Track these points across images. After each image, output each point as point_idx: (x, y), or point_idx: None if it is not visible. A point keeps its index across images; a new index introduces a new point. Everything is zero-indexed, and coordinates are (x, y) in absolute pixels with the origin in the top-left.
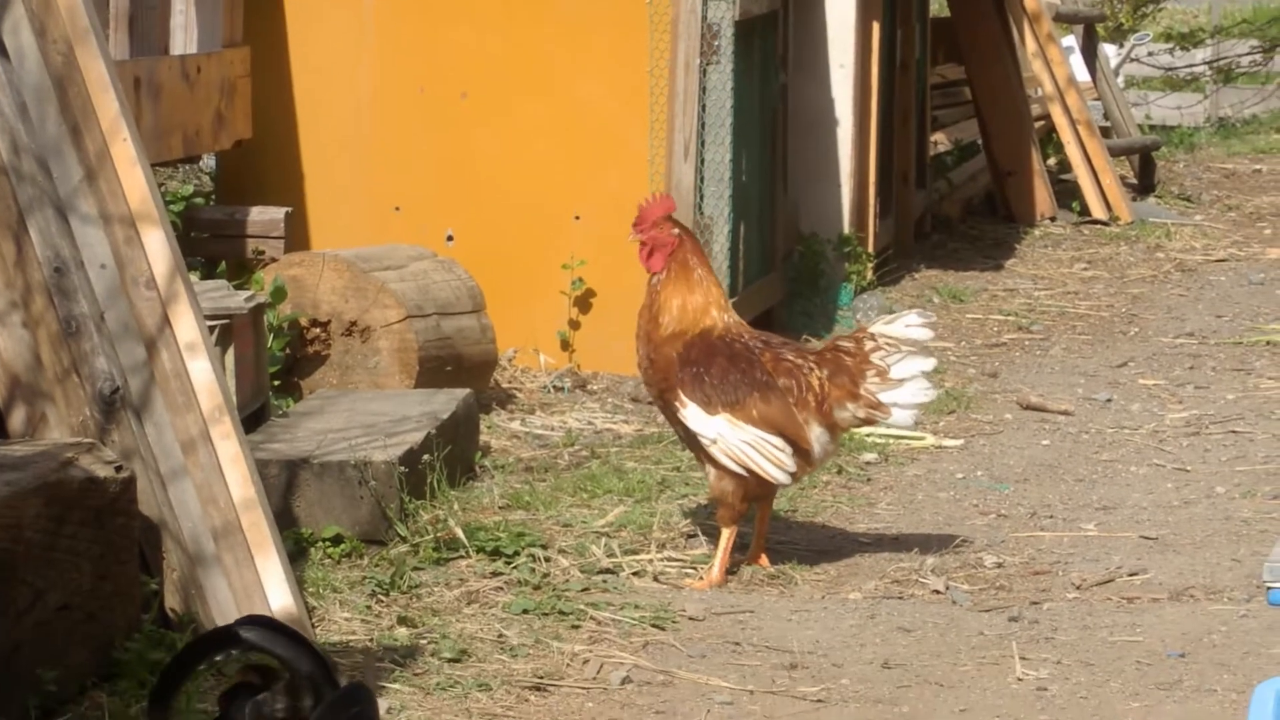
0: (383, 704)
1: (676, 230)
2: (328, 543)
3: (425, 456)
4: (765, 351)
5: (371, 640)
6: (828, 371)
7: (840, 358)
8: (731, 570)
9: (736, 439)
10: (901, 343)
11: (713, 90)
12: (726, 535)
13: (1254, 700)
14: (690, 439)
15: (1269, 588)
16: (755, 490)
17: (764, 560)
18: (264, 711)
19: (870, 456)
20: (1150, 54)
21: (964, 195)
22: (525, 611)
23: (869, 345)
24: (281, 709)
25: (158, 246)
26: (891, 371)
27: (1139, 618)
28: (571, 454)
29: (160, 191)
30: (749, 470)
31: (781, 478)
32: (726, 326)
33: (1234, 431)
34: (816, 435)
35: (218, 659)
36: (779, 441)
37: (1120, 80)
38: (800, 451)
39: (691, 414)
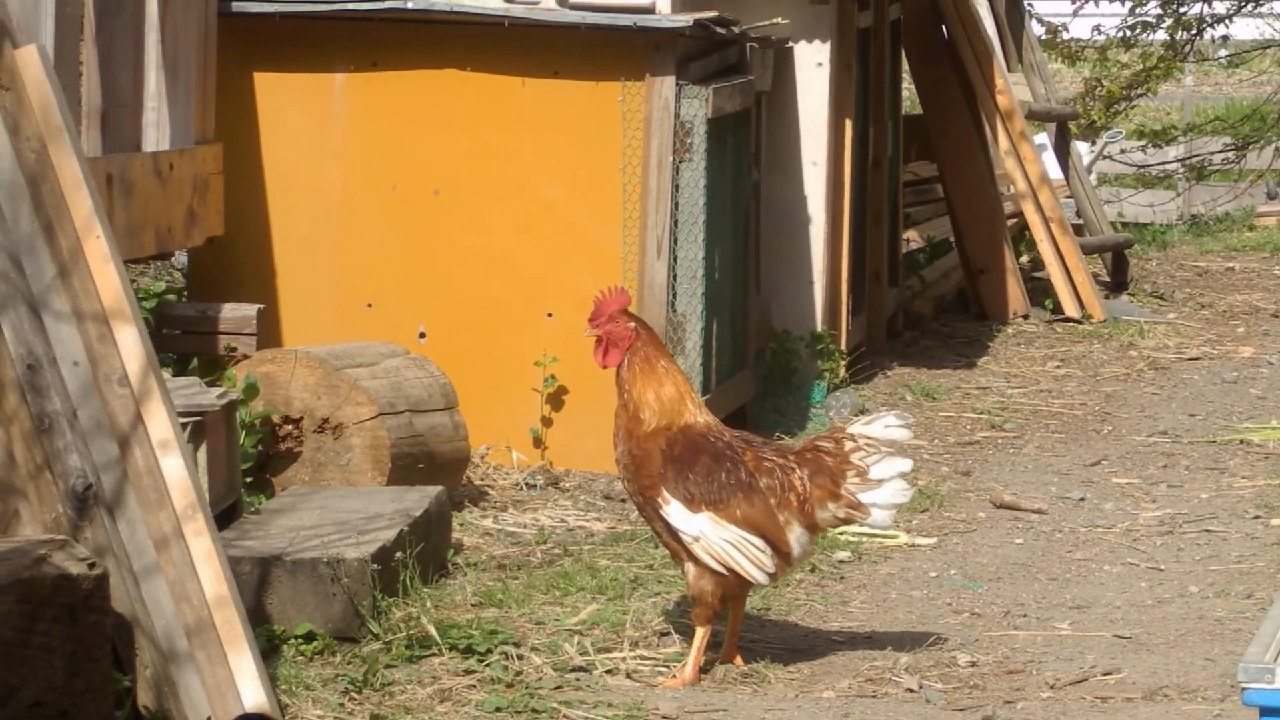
0: None
1: (633, 324)
2: (300, 640)
3: (398, 554)
4: (747, 450)
5: None
6: (808, 471)
7: (820, 458)
8: (705, 668)
9: (719, 537)
10: (880, 443)
11: (685, 187)
12: (701, 633)
13: None
14: (670, 536)
15: (1244, 688)
16: (733, 589)
17: (738, 659)
18: None
19: (844, 555)
20: (1123, 151)
21: (936, 293)
22: (498, 710)
23: (848, 445)
24: None
25: (131, 343)
26: (871, 472)
27: (1113, 718)
28: (544, 551)
29: (133, 288)
30: (729, 569)
31: (761, 578)
32: (708, 424)
33: (1208, 530)
34: (797, 536)
35: None
36: (760, 542)
37: (1093, 177)
38: (780, 553)
39: (674, 511)
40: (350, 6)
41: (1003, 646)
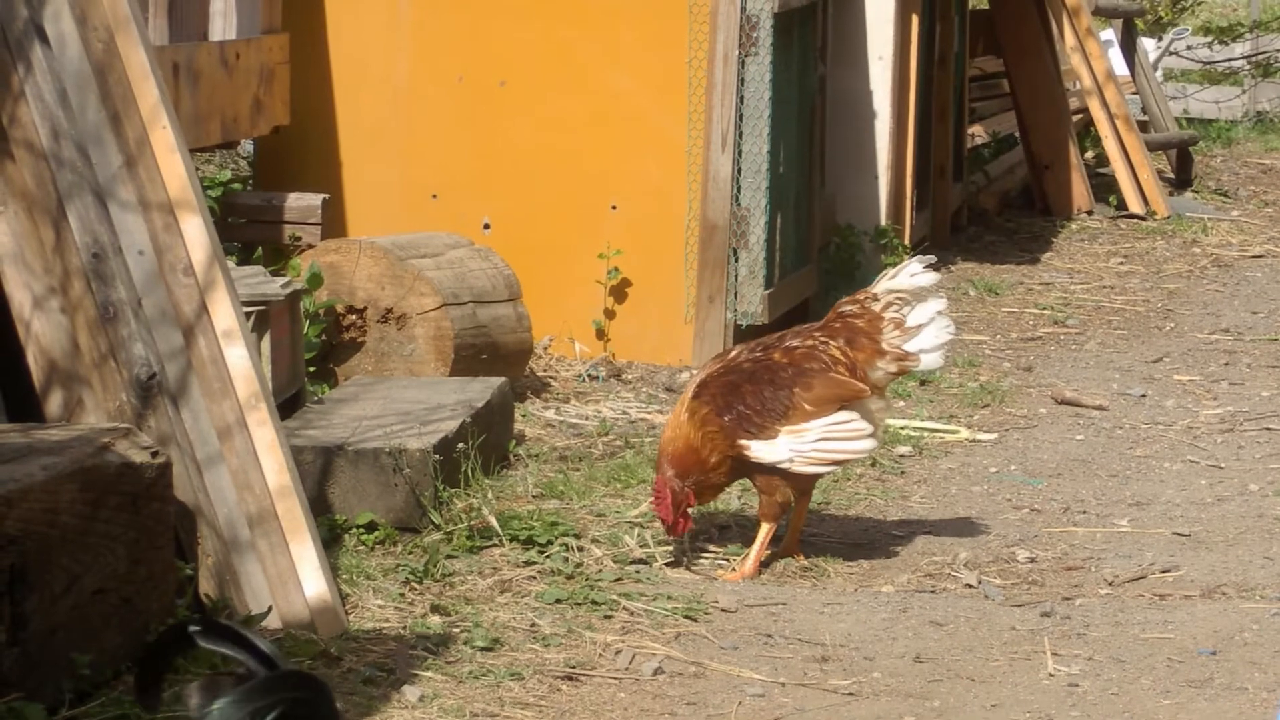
0: (415, 691)
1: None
2: (362, 530)
3: (460, 445)
4: (774, 351)
5: (404, 628)
6: (843, 340)
7: (850, 322)
8: (765, 563)
9: (808, 445)
10: (910, 293)
11: (751, 82)
12: (766, 529)
13: None
14: (765, 474)
15: None
16: (806, 483)
17: (799, 554)
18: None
19: (904, 449)
20: (1189, 48)
21: (1001, 188)
22: (558, 601)
23: (875, 305)
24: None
25: (196, 233)
26: (908, 320)
27: (1171, 615)
28: (605, 443)
29: (198, 177)
30: (838, 462)
31: (870, 445)
32: (712, 373)
33: (1268, 428)
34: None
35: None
36: (843, 415)
37: (1159, 74)
38: (865, 411)
39: (757, 448)
40: None
41: (1061, 543)
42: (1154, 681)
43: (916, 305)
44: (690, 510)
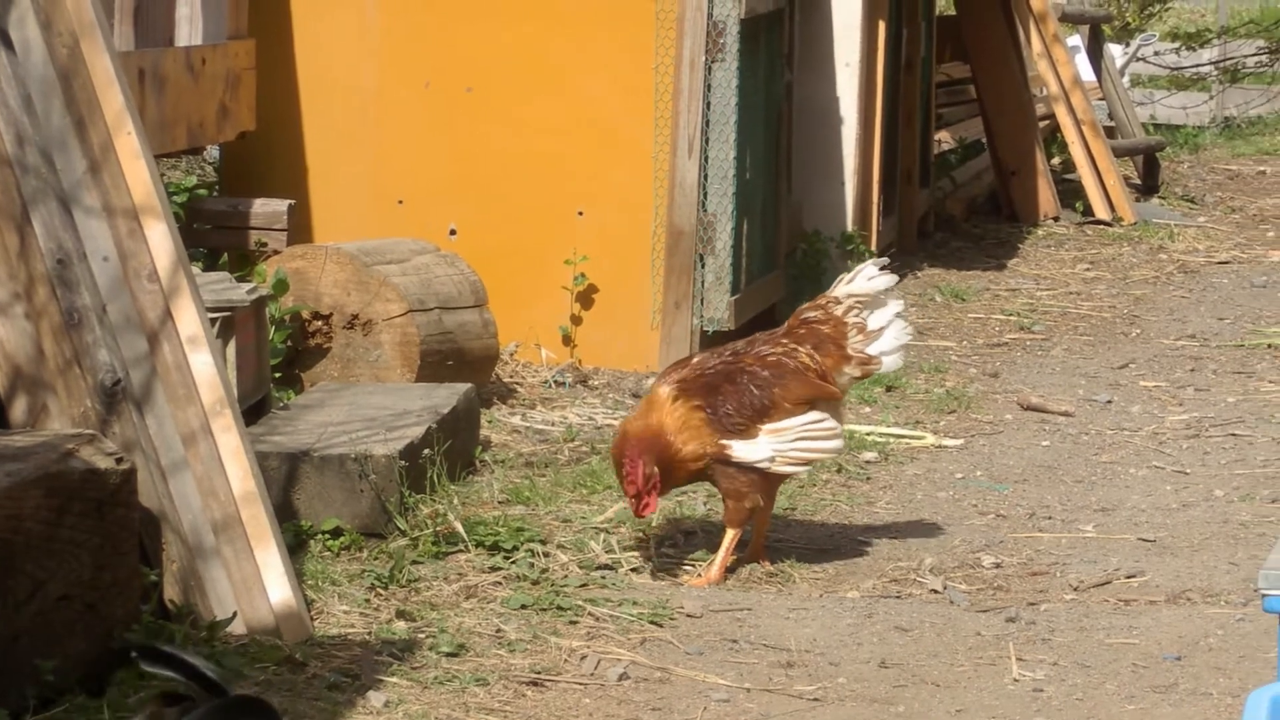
0: (380, 697)
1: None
2: (327, 535)
3: (426, 450)
4: (745, 357)
5: (370, 633)
6: (810, 345)
7: (816, 329)
8: (730, 568)
9: (788, 445)
10: (869, 296)
11: (717, 88)
12: (732, 534)
13: (1248, 706)
14: (743, 472)
15: (1264, 594)
16: (771, 487)
17: (764, 559)
18: None
19: (870, 455)
20: (1156, 53)
21: (967, 194)
22: (523, 607)
23: (837, 309)
24: None
25: (160, 239)
26: (869, 324)
27: (1136, 620)
28: (572, 449)
29: (164, 183)
30: (810, 461)
31: (841, 444)
32: (685, 376)
33: (1234, 434)
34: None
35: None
36: (817, 415)
37: (1126, 80)
38: (835, 412)
39: (738, 449)
40: None
41: (1027, 548)
42: (1119, 687)
43: (876, 308)
44: (657, 494)
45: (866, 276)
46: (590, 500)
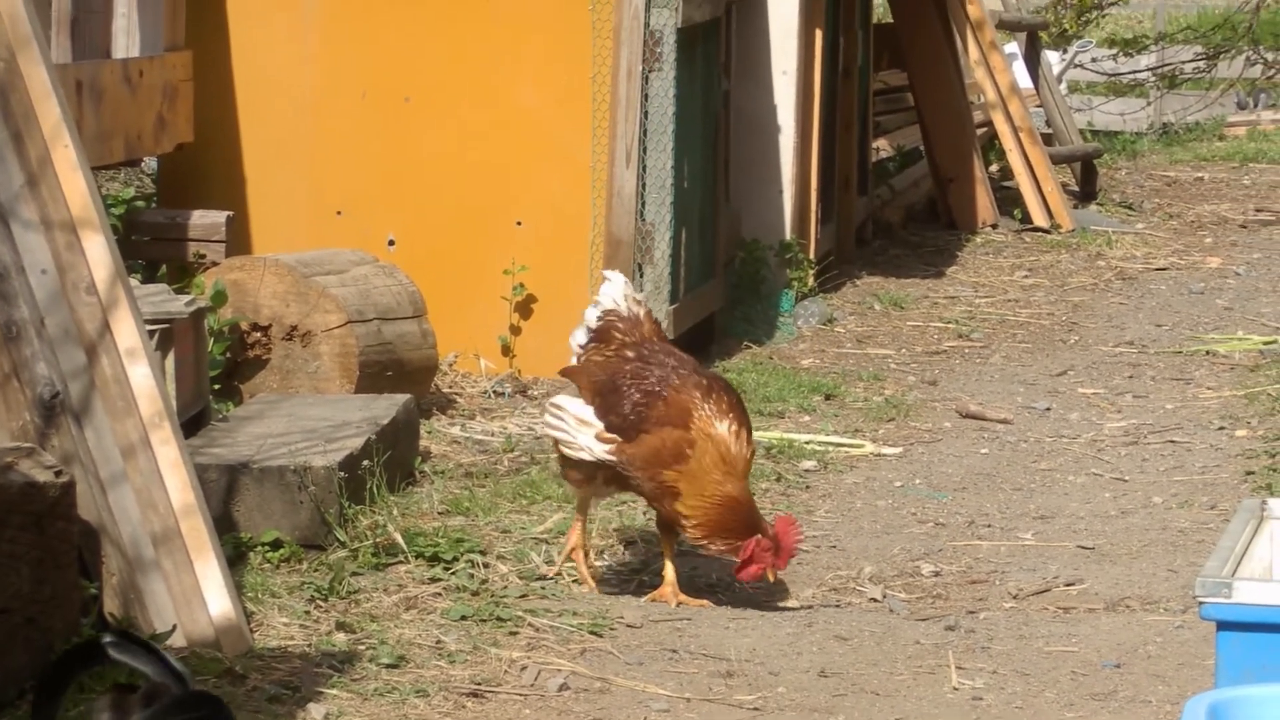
0: (320, 709)
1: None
2: (267, 547)
3: (365, 462)
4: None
5: (309, 645)
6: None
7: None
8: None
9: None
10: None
11: (655, 97)
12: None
13: (1186, 713)
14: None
15: (1201, 602)
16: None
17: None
18: None
19: (809, 464)
20: (1094, 60)
21: (906, 202)
22: (463, 618)
23: (639, 310)
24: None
25: (99, 252)
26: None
27: (1075, 628)
28: (511, 460)
29: (101, 195)
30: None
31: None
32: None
33: (1172, 441)
34: None
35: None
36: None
37: (1063, 86)
38: None
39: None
40: None
41: (966, 556)
42: (1058, 694)
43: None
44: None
45: (621, 286)
46: (530, 511)
